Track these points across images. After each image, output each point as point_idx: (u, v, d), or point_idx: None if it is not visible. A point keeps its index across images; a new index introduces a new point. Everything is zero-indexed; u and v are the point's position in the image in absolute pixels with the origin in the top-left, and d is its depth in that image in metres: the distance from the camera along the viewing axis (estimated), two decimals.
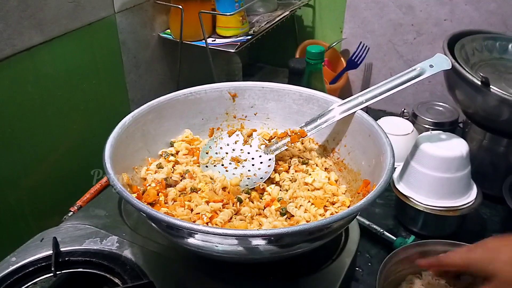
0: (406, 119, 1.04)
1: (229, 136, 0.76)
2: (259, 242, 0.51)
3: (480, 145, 0.91)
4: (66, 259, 0.63)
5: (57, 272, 0.61)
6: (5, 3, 0.66)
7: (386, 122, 0.99)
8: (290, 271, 0.62)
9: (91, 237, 0.67)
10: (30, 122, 0.76)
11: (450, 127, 1.02)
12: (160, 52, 1.00)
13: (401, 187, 0.83)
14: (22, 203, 0.77)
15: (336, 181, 0.70)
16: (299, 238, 0.52)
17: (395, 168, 0.87)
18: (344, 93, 1.26)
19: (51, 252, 0.63)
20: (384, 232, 0.82)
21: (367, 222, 0.84)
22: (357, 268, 0.79)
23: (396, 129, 0.97)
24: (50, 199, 0.80)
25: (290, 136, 0.72)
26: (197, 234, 0.51)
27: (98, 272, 0.62)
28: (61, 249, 0.64)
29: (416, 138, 0.88)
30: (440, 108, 1.06)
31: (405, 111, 1.09)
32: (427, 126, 1.02)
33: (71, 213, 0.76)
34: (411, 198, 0.81)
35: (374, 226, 0.84)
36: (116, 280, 0.61)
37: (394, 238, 0.81)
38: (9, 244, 0.67)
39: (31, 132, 0.76)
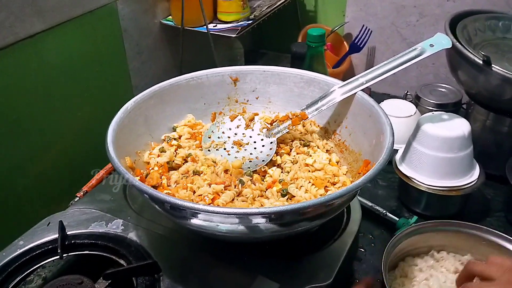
0: (409, 101, 1.03)
1: (231, 120, 0.76)
2: (259, 220, 0.52)
3: (484, 125, 0.91)
4: (72, 242, 0.64)
5: (64, 255, 0.63)
6: None
7: (389, 105, 0.99)
8: (293, 251, 0.63)
9: (96, 220, 0.69)
10: (35, 109, 0.77)
11: (453, 108, 1.01)
12: (162, 38, 1.01)
13: (404, 168, 0.83)
14: (29, 189, 0.79)
15: (337, 162, 0.71)
16: (299, 216, 0.53)
17: (397, 150, 0.87)
18: (347, 77, 1.24)
19: (58, 235, 0.64)
20: (387, 213, 0.83)
21: (370, 204, 0.85)
22: (360, 249, 0.80)
23: (399, 111, 0.97)
24: (56, 185, 0.82)
25: (291, 119, 0.73)
26: (199, 213, 0.52)
27: (104, 254, 0.64)
28: (68, 233, 0.66)
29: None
30: (443, 90, 1.06)
31: (408, 93, 1.09)
32: (430, 108, 1.02)
33: (77, 198, 0.78)
34: (414, 178, 0.81)
35: (377, 207, 0.84)
36: (122, 262, 0.62)
37: (397, 219, 0.82)
38: (17, 229, 0.69)
39: (36, 119, 0.77)
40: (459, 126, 0.78)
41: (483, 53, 0.79)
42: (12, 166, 0.75)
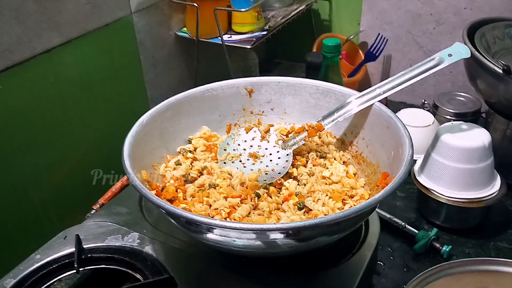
0: (426, 110, 1.02)
1: (247, 132, 0.76)
2: (276, 236, 0.51)
3: (504, 135, 0.89)
4: (89, 255, 0.64)
5: (80, 269, 0.63)
6: (23, 6, 0.67)
7: (406, 114, 0.98)
8: (310, 265, 0.62)
9: (113, 233, 0.69)
10: (52, 122, 0.77)
11: (472, 117, 1.00)
12: (177, 50, 1.01)
13: (422, 179, 0.82)
14: (45, 202, 0.79)
15: (354, 174, 0.70)
16: (317, 231, 0.52)
17: (416, 160, 0.86)
18: (363, 86, 1.25)
19: (74, 249, 0.64)
20: (406, 225, 0.81)
21: (388, 216, 0.83)
22: (379, 262, 0.78)
23: (417, 120, 0.95)
24: (72, 198, 0.82)
25: (307, 130, 0.72)
26: (215, 229, 0.51)
27: (120, 268, 0.63)
28: (84, 246, 0.66)
29: (436, 129, 0.87)
30: (462, 99, 1.04)
31: (425, 102, 1.07)
32: (448, 117, 1.00)
33: (94, 211, 0.78)
34: (433, 190, 0.79)
35: (396, 220, 0.83)
36: (138, 276, 0.62)
37: (416, 231, 0.80)
38: (33, 242, 0.69)
39: (52, 132, 0.78)
40: (479, 136, 0.76)
41: (502, 62, 0.77)
42: (28, 178, 0.76)
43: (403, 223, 0.82)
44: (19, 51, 0.68)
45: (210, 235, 0.54)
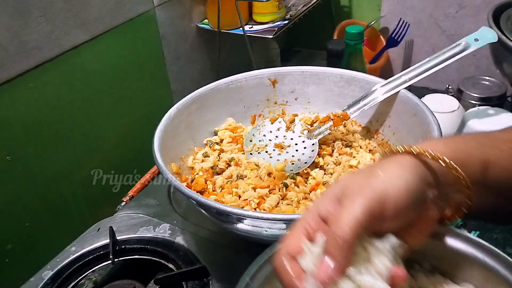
0: (451, 95, 1.01)
1: (272, 123, 0.76)
2: None
3: None
4: (123, 247, 0.66)
5: (115, 260, 0.64)
6: (51, 5, 0.69)
7: (430, 100, 0.97)
8: None
9: (144, 225, 0.70)
10: (80, 117, 0.79)
11: (498, 101, 0.98)
12: (199, 42, 1.01)
13: None
14: (76, 195, 0.81)
15: None
16: None
17: None
18: (384, 73, 1.24)
19: (108, 241, 0.66)
20: None
21: None
22: None
23: (441, 106, 0.94)
24: (102, 190, 0.84)
25: (332, 119, 0.72)
26: (246, 219, 0.52)
27: (153, 259, 0.65)
28: (117, 238, 0.68)
29: (462, 115, 0.86)
30: (487, 83, 1.02)
31: (449, 87, 1.06)
32: (473, 102, 0.99)
33: (124, 203, 0.79)
34: None
35: None
36: (170, 266, 0.64)
37: None
38: (66, 235, 0.71)
39: (81, 127, 0.79)
40: (506, 121, 0.76)
41: None
42: (59, 173, 0.78)
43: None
44: (48, 49, 0.69)
45: (240, 225, 0.55)
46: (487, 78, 1.03)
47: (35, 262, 0.66)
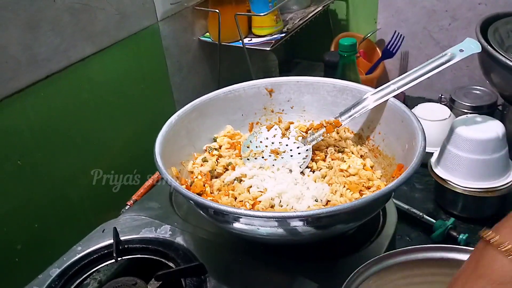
0: (443, 104, 1.04)
1: (268, 130, 0.80)
2: (297, 224, 0.55)
3: None
4: (126, 246, 0.70)
5: (118, 258, 0.68)
6: (59, 19, 0.73)
7: (423, 109, 1.01)
8: (330, 253, 0.66)
9: (146, 226, 0.74)
10: (86, 126, 0.83)
11: (488, 110, 1.02)
12: (200, 54, 1.06)
13: (439, 171, 0.84)
14: (82, 199, 0.85)
15: (372, 167, 0.74)
16: (335, 219, 0.56)
17: (433, 153, 0.89)
18: (381, 83, 1.25)
19: (112, 241, 0.70)
20: (424, 215, 0.84)
21: (406, 207, 0.86)
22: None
23: (433, 114, 0.98)
24: (107, 195, 0.88)
25: (325, 126, 0.76)
26: (241, 218, 0.56)
27: (154, 258, 0.69)
28: (121, 238, 0.71)
29: None
30: (478, 92, 1.06)
31: (442, 96, 1.10)
32: (465, 111, 1.02)
33: (128, 206, 0.83)
34: (449, 181, 0.82)
35: (414, 210, 0.86)
36: (171, 264, 0.67)
37: (434, 221, 0.83)
38: (72, 237, 0.74)
39: (87, 134, 0.84)
40: (493, 128, 0.79)
41: None
42: (66, 178, 0.82)
43: (420, 214, 0.85)
44: (56, 60, 0.74)
45: (236, 224, 0.58)
46: (478, 87, 1.07)
47: (43, 261, 0.70)
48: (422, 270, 0.54)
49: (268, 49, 0.99)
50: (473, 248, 0.44)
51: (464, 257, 0.52)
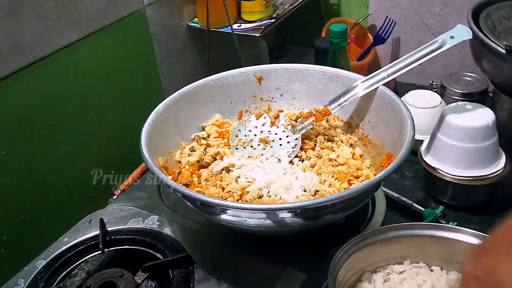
0: (434, 91, 1.04)
1: (257, 119, 0.79)
2: (285, 215, 0.55)
3: (510, 113, 0.90)
4: (113, 237, 0.69)
5: (105, 250, 0.67)
6: (43, 5, 0.71)
7: (414, 96, 1.00)
8: (319, 243, 0.66)
9: (134, 217, 0.73)
10: (72, 113, 0.82)
11: (479, 97, 1.01)
12: (189, 40, 1.04)
13: (429, 159, 0.84)
14: (70, 189, 0.84)
15: (361, 156, 0.73)
16: (322, 210, 0.56)
17: (423, 141, 0.88)
18: (372, 69, 1.25)
19: (99, 232, 0.69)
20: (413, 203, 0.84)
21: (396, 195, 0.86)
22: None
23: (424, 102, 0.97)
24: (95, 185, 0.87)
25: (315, 115, 0.75)
26: (228, 209, 0.55)
27: (142, 249, 0.68)
28: (108, 229, 0.71)
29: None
30: (469, 79, 1.05)
31: (433, 83, 1.09)
32: (455, 98, 1.02)
33: (115, 196, 0.82)
34: (439, 169, 0.82)
35: (403, 198, 0.85)
36: (158, 255, 0.67)
37: (423, 209, 0.83)
38: (60, 226, 0.74)
39: (74, 123, 0.82)
40: (483, 116, 0.78)
41: (505, 43, 0.79)
42: (53, 167, 0.81)
43: (410, 202, 0.84)
44: (41, 48, 0.72)
45: (223, 216, 0.58)
46: (470, 74, 1.06)
47: (29, 252, 0.69)
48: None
49: (257, 35, 0.98)
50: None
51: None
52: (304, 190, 0.65)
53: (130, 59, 0.90)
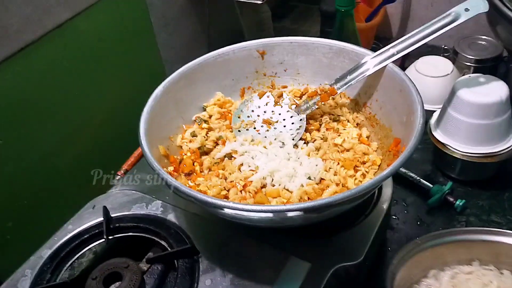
0: (446, 56, 0.99)
1: (260, 98, 0.76)
2: (289, 213, 0.53)
3: None
4: (117, 225, 0.69)
5: (110, 237, 0.67)
6: None
7: (425, 63, 0.96)
8: (324, 229, 0.65)
9: (137, 202, 0.72)
10: (70, 93, 0.80)
11: (493, 63, 0.97)
12: (187, 8, 0.99)
13: (438, 134, 0.82)
14: (71, 168, 0.83)
15: (367, 137, 0.71)
16: (327, 208, 0.54)
17: (433, 112, 0.86)
18: (382, 30, 1.21)
19: (102, 219, 0.69)
20: (421, 180, 0.83)
21: (404, 170, 0.85)
22: (393, 216, 0.81)
23: (435, 70, 0.93)
24: (96, 163, 0.86)
25: (320, 95, 0.72)
26: (228, 209, 0.54)
27: (146, 236, 0.68)
28: (112, 215, 0.70)
29: (455, 79, 0.85)
30: (483, 43, 1.00)
31: (445, 47, 1.04)
32: (468, 64, 0.97)
33: (118, 177, 0.81)
34: (448, 145, 0.80)
35: (411, 174, 0.84)
36: (163, 243, 0.66)
37: (431, 186, 0.81)
38: (64, 210, 0.73)
39: (71, 102, 0.80)
40: (496, 91, 0.75)
41: None
42: (52, 147, 0.79)
43: (417, 178, 0.83)
44: (31, 31, 0.69)
45: (226, 211, 0.57)
46: (484, 37, 1.01)
47: (35, 238, 0.69)
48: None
49: (259, 2, 0.92)
50: None
51: None
52: (309, 178, 0.64)
53: (126, 32, 0.87)
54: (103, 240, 0.67)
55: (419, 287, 0.61)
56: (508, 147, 0.77)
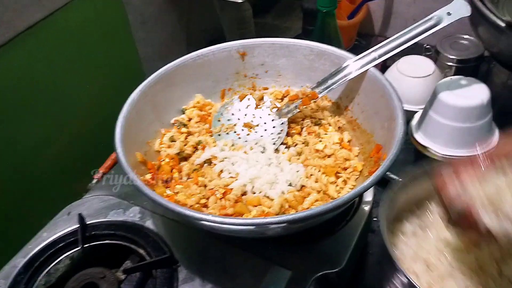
0: (428, 55, 0.99)
1: (240, 100, 0.75)
2: (271, 226, 0.52)
3: (505, 84, 0.87)
4: (93, 233, 0.67)
5: (85, 245, 0.66)
6: None
7: (407, 63, 0.95)
8: (306, 237, 0.64)
9: (114, 208, 0.71)
10: (46, 95, 0.77)
11: (475, 63, 0.96)
12: (166, 4, 0.96)
13: (419, 136, 0.81)
14: (48, 172, 0.81)
15: (349, 141, 0.70)
16: (309, 219, 0.53)
17: (415, 113, 0.85)
18: (364, 27, 1.20)
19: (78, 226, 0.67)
20: None
21: None
22: (374, 219, 0.80)
23: (417, 70, 0.92)
24: (73, 166, 0.84)
25: (301, 98, 0.71)
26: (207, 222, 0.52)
27: (123, 244, 0.66)
28: (87, 222, 0.68)
29: (438, 78, 0.85)
30: (465, 42, 1.00)
31: (427, 46, 1.04)
32: (450, 64, 0.97)
33: (95, 180, 0.79)
34: (429, 148, 0.79)
35: (392, 176, 0.83)
36: (141, 251, 0.65)
37: None
38: (40, 211, 0.71)
39: (48, 104, 0.78)
40: (478, 94, 0.75)
41: (504, 18, 0.73)
42: (30, 150, 0.77)
43: (399, 179, 0.82)
44: (0, 32, 0.66)
45: (204, 223, 0.55)
46: (466, 37, 1.00)
47: (8, 246, 0.67)
48: None
49: (239, 1, 0.90)
50: None
51: None
52: (290, 185, 0.63)
53: (103, 30, 0.84)
54: (79, 248, 0.65)
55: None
56: (489, 150, 0.77)
